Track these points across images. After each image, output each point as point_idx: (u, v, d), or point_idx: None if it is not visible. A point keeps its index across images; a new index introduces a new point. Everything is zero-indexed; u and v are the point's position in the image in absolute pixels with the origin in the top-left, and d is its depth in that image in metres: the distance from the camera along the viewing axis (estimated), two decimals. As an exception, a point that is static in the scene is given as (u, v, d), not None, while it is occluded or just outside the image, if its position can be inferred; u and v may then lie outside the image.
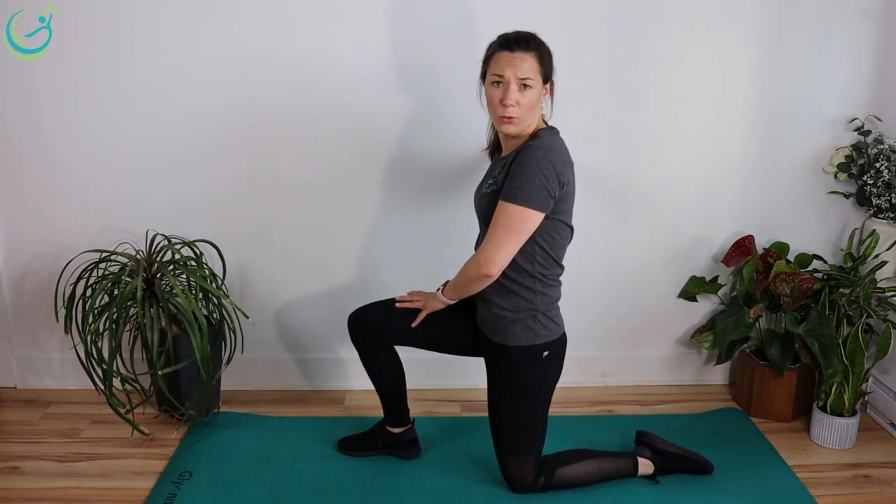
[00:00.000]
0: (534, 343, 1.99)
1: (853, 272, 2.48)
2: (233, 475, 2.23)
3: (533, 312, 1.98)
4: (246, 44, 2.43)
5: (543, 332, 2.00)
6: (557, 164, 1.86)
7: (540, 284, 1.99)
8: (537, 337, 1.99)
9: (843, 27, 2.54)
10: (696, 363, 2.88)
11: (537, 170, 1.83)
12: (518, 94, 1.88)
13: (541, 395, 2.06)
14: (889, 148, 2.49)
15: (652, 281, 2.77)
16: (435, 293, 2.10)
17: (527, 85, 1.88)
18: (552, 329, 2.01)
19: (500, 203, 1.87)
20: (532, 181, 1.83)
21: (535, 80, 1.89)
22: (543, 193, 1.84)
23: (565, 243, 2.02)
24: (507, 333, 2.00)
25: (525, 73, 1.88)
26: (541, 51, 1.91)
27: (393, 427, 2.32)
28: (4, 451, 2.36)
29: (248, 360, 2.69)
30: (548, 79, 1.94)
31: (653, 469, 2.20)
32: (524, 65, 1.88)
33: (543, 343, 2.00)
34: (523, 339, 1.99)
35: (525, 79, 1.88)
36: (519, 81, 1.88)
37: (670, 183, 2.66)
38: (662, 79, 2.55)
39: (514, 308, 1.99)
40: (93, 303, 2.29)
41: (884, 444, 2.49)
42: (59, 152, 2.51)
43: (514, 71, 1.87)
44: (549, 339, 2.01)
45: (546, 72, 1.92)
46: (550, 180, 1.85)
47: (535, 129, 1.96)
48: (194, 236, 2.53)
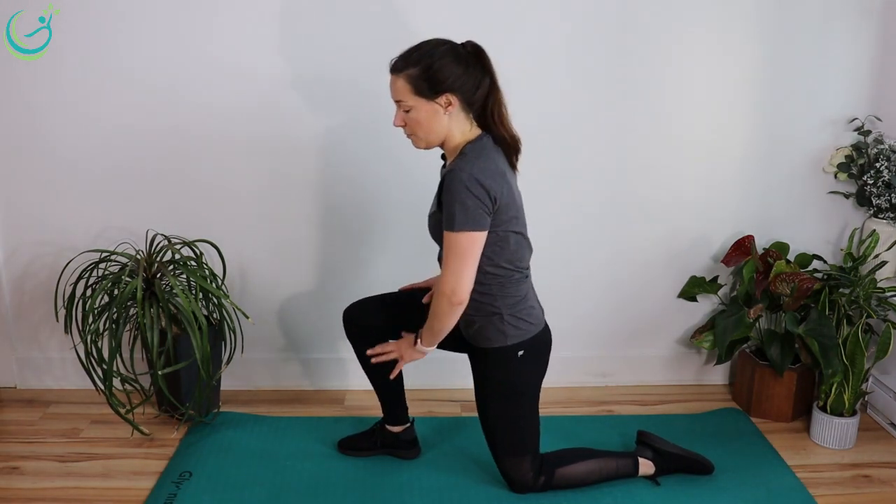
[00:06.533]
0: (506, 344, 1.99)
1: (853, 272, 2.48)
2: (233, 475, 2.23)
3: (498, 315, 1.97)
4: (246, 44, 2.43)
5: (514, 332, 1.99)
6: (484, 181, 1.81)
7: (497, 288, 1.97)
8: (508, 338, 1.98)
9: (843, 27, 2.54)
10: (696, 363, 2.88)
11: (465, 193, 1.79)
12: (402, 115, 1.89)
13: (524, 393, 2.05)
14: (889, 148, 2.49)
15: (652, 281, 2.77)
16: (411, 344, 2.05)
17: (403, 107, 1.87)
18: (524, 328, 2.00)
19: (445, 233, 1.85)
20: (465, 205, 1.80)
21: (408, 100, 1.85)
22: (479, 213, 1.82)
23: (519, 249, 1.97)
24: (479, 337, 2.01)
25: (396, 95, 1.87)
26: (410, 70, 1.82)
27: (392, 426, 2.32)
28: (4, 451, 2.36)
29: (248, 360, 2.69)
30: (434, 93, 1.83)
31: (654, 469, 2.20)
32: (394, 88, 1.87)
33: (516, 343, 1.99)
34: (495, 341, 1.99)
35: (398, 101, 1.88)
36: (396, 104, 1.89)
37: (670, 183, 2.66)
38: (662, 78, 2.55)
39: (479, 312, 1.99)
40: (93, 303, 2.29)
41: (884, 444, 2.49)
42: (59, 152, 2.51)
43: (391, 94, 1.88)
44: (522, 339, 1.99)
45: (423, 88, 1.83)
46: (482, 199, 1.81)
47: (462, 142, 1.91)
48: (194, 236, 2.53)
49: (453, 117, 1.88)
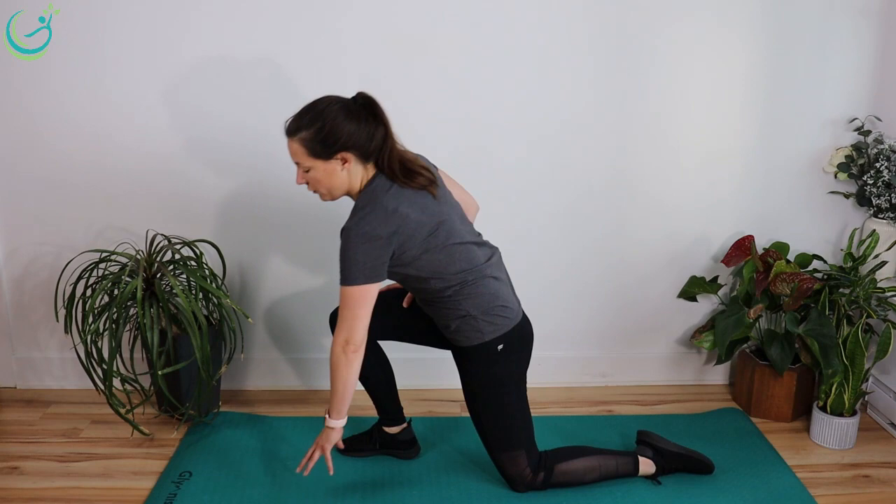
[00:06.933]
0: (483, 341, 2.00)
1: (853, 272, 2.48)
2: (233, 475, 2.23)
3: (471, 316, 1.98)
4: (246, 44, 2.43)
5: (490, 328, 1.99)
6: (374, 232, 1.83)
7: (461, 296, 1.97)
8: (485, 335, 1.99)
9: (843, 27, 2.54)
10: (696, 363, 2.88)
11: (354, 250, 1.83)
12: (302, 175, 1.91)
13: (509, 386, 2.05)
14: (889, 148, 2.49)
15: (652, 281, 2.77)
16: (323, 430, 2.03)
17: (303, 168, 1.90)
18: (500, 323, 2.00)
19: (340, 286, 1.88)
20: (355, 262, 1.83)
21: (305, 162, 1.87)
22: (370, 266, 1.84)
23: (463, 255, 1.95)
24: (458, 336, 2.02)
25: (293, 157, 1.89)
26: (303, 133, 1.84)
27: (389, 427, 2.32)
28: (4, 451, 2.36)
29: (248, 360, 2.69)
30: (329, 154, 1.85)
31: (654, 469, 2.20)
32: (290, 150, 1.89)
33: (494, 338, 2.00)
34: (473, 339, 2.00)
35: (297, 163, 1.90)
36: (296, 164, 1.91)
37: (670, 183, 2.66)
38: (662, 78, 2.55)
39: (452, 316, 2.00)
40: (93, 303, 2.29)
41: (884, 444, 2.49)
42: (59, 152, 2.51)
43: (290, 155, 1.91)
44: (499, 333, 2.00)
45: (318, 150, 1.85)
46: (372, 252, 1.83)
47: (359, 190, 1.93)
48: (194, 236, 2.53)
49: (352, 171, 1.90)
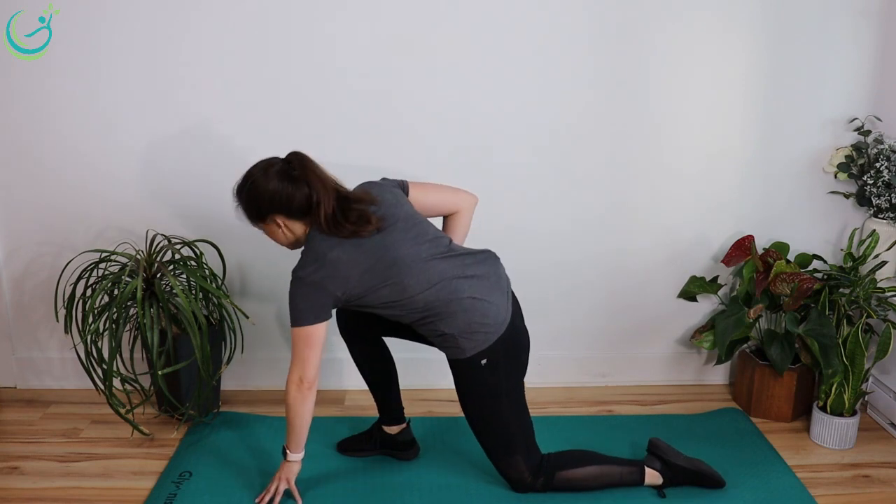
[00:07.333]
0: (465, 356, 1.98)
1: (853, 272, 2.48)
2: (233, 475, 2.23)
3: (448, 335, 1.97)
4: (247, 45, 2.43)
5: (470, 345, 1.96)
6: (316, 280, 1.89)
7: (435, 319, 1.96)
8: (466, 351, 1.97)
9: (843, 27, 2.54)
10: (696, 363, 2.88)
11: (295, 297, 1.91)
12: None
13: (499, 396, 2.02)
14: (889, 148, 2.49)
15: (652, 281, 2.77)
16: (283, 464, 2.08)
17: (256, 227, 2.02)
18: (479, 339, 1.96)
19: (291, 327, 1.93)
20: (296, 307, 1.91)
21: (252, 225, 2.01)
22: (315, 309, 1.90)
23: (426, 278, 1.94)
24: (443, 348, 2.03)
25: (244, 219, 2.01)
26: (238, 202, 1.99)
27: (388, 427, 2.32)
28: (4, 451, 2.36)
29: (248, 360, 2.69)
30: (261, 219, 1.98)
31: (661, 481, 2.14)
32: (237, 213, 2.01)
33: (475, 354, 1.97)
34: (456, 354, 1.99)
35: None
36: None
37: (670, 183, 2.66)
38: (662, 78, 2.55)
39: (431, 334, 2.01)
40: (93, 303, 2.29)
41: (884, 444, 2.49)
42: (59, 152, 2.51)
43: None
44: (480, 349, 1.97)
45: (253, 216, 1.98)
46: (316, 297, 1.90)
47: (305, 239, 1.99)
48: (194, 236, 2.53)
49: (291, 227, 1.98)
